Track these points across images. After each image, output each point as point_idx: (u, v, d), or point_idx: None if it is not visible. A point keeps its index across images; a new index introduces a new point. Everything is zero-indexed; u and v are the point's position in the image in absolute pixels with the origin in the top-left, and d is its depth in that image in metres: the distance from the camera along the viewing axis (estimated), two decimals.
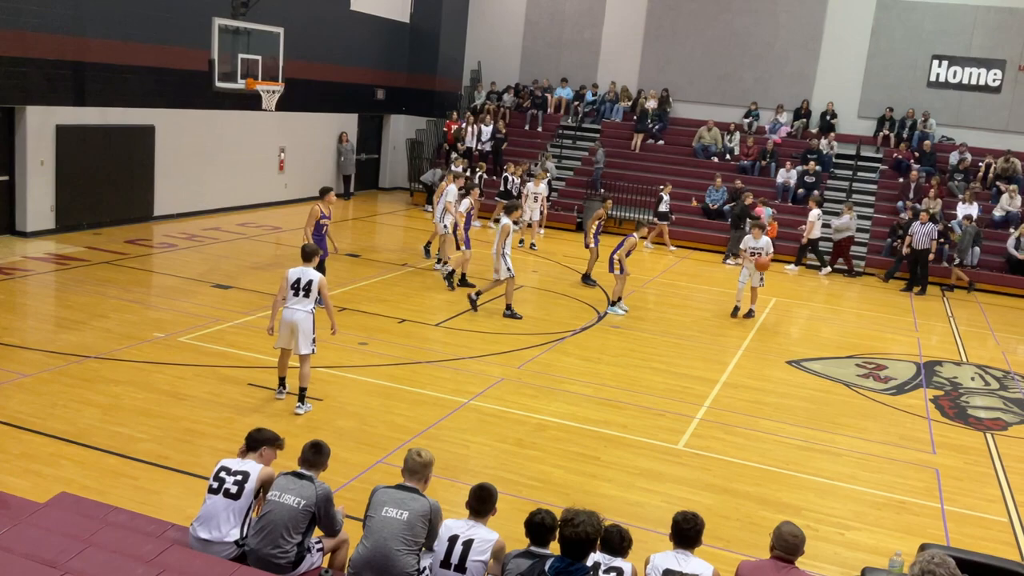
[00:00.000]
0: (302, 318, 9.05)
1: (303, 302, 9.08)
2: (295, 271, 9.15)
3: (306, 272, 9.12)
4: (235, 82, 16.19)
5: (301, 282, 9.06)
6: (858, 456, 9.51)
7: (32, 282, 13.82)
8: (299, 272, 9.12)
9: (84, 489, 6.92)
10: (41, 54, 15.92)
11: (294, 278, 9.09)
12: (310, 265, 9.22)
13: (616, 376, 11.42)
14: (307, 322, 9.08)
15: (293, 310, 9.07)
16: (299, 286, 9.06)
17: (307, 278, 9.07)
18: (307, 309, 9.09)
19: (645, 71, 26.83)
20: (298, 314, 9.05)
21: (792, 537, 4.97)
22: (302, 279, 9.07)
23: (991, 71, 23.77)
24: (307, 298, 9.08)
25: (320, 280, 9.11)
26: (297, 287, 9.07)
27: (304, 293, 9.06)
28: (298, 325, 9.04)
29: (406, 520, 5.16)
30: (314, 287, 9.07)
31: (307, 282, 9.06)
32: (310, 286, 9.06)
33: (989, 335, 15.89)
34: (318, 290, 9.09)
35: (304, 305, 9.08)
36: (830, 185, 23.37)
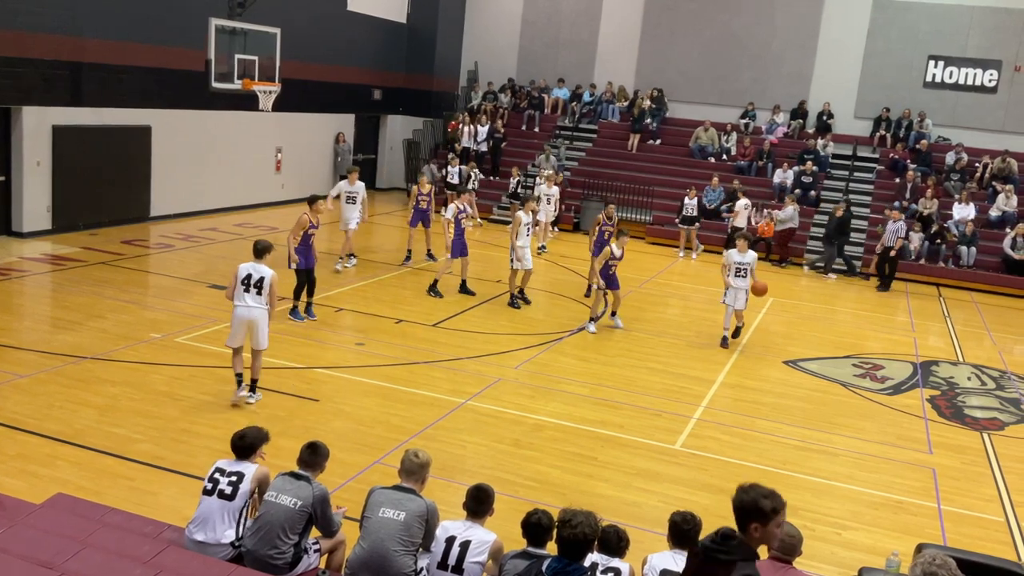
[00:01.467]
0: (259, 315, 8.98)
1: (257, 299, 8.98)
2: (247, 266, 9.04)
3: (258, 268, 9.01)
4: (232, 82, 16.18)
5: (253, 278, 8.97)
6: (855, 456, 9.51)
7: (28, 283, 13.79)
8: (250, 268, 9.02)
9: (80, 490, 6.91)
10: (37, 54, 15.90)
11: (244, 274, 8.98)
12: (262, 262, 9.07)
13: (613, 376, 11.42)
14: (264, 319, 9.03)
15: (248, 307, 8.97)
16: (250, 282, 8.96)
17: (259, 274, 8.97)
18: (263, 305, 9.01)
19: (642, 71, 26.84)
20: (254, 311, 8.97)
21: (789, 537, 4.87)
22: (253, 275, 8.97)
23: (987, 71, 23.81)
24: (260, 295, 8.98)
25: (272, 277, 9.01)
26: (248, 283, 8.96)
27: (257, 290, 8.96)
28: (256, 323, 8.98)
29: (403, 521, 5.16)
30: (266, 284, 8.96)
31: (259, 278, 8.96)
32: (262, 283, 8.95)
33: (985, 335, 15.92)
34: (269, 287, 8.97)
35: (258, 302, 8.99)
36: (827, 185, 23.40)
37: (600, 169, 24.16)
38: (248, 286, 8.97)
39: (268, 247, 9.19)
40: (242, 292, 8.99)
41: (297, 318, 12.52)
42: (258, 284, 8.96)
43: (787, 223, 20.73)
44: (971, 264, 20.18)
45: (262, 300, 8.99)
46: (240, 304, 9.01)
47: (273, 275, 9.03)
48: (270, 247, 9.23)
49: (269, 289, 8.98)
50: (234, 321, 9.08)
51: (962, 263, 20.20)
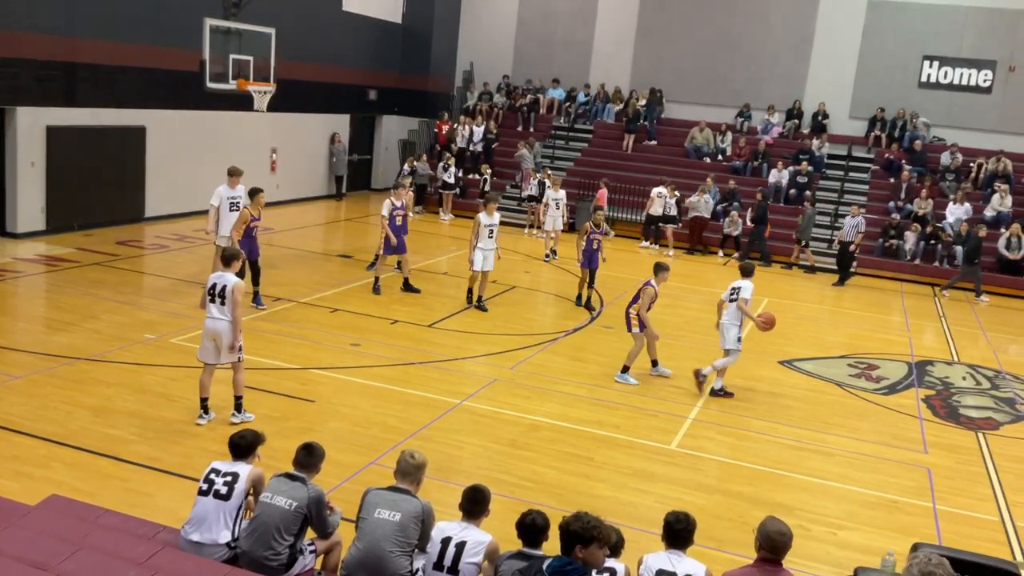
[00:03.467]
0: (224, 328, 8.46)
1: (222, 310, 8.46)
2: (213, 276, 8.61)
3: (223, 277, 8.52)
4: (226, 83, 16.12)
5: (217, 288, 8.47)
6: (850, 456, 9.53)
7: (22, 284, 13.75)
8: (216, 277, 8.57)
9: (75, 491, 6.89)
10: (31, 54, 15.86)
11: (210, 284, 8.54)
12: (229, 270, 8.60)
13: (609, 377, 11.42)
14: (227, 330, 8.47)
15: (214, 319, 8.48)
16: (215, 292, 8.47)
17: (223, 283, 8.47)
18: (226, 317, 8.47)
19: (637, 71, 26.85)
20: (220, 323, 8.46)
21: (779, 535, 4.74)
22: (218, 284, 8.48)
23: (982, 72, 23.86)
24: (224, 305, 8.45)
25: (234, 285, 8.44)
26: (214, 293, 8.47)
27: (221, 300, 8.45)
28: (220, 335, 8.48)
29: (398, 521, 5.15)
30: (229, 293, 8.43)
31: (222, 287, 8.45)
32: (225, 292, 8.44)
33: (980, 335, 15.95)
34: (232, 296, 8.42)
35: (223, 313, 8.46)
36: (822, 185, 23.43)
37: (595, 170, 24.15)
38: (214, 296, 8.48)
39: (236, 255, 8.79)
40: (207, 302, 8.53)
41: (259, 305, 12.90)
42: (222, 293, 8.45)
43: (699, 211, 21.30)
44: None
45: (225, 310, 8.45)
46: (208, 316, 8.54)
47: (236, 283, 8.48)
48: (238, 255, 8.86)
49: (232, 297, 8.41)
50: (203, 334, 8.63)
51: (957, 263, 20.23)
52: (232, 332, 8.48)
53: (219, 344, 8.50)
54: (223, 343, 8.48)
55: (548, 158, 25.50)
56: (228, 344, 8.49)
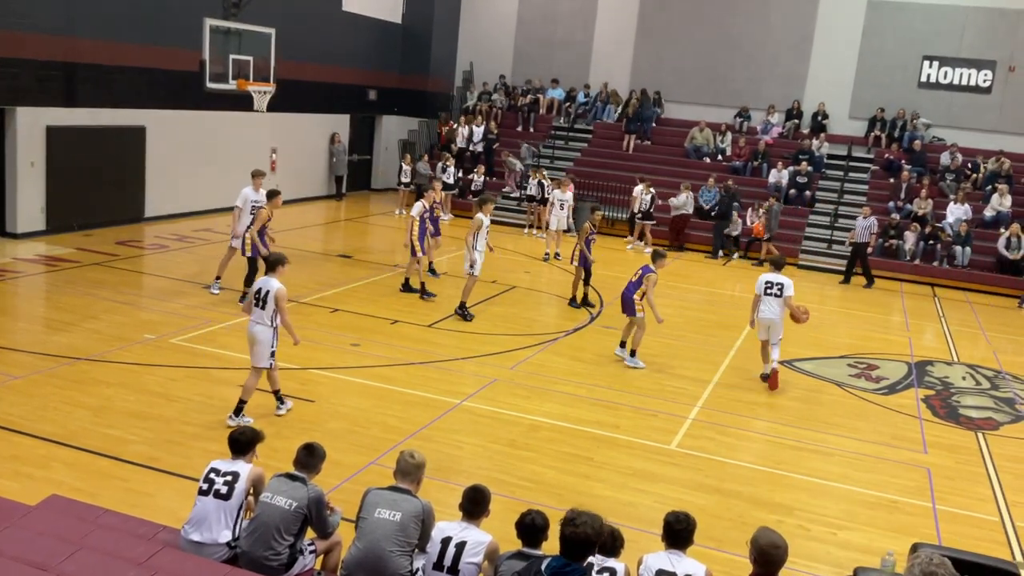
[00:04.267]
0: (259, 331, 8.61)
1: (260, 314, 8.61)
2: (260, 280, 8.79)
3: (267, 282, 8.66)
4: (226, 83, 16.12)
5: (260, 292, 8.64)
6: (850, 456, 9.53)
7: (22, 284, 13.75)
8: (262, 282, 8.73)
9: (75, 491, 6.89)
10: (31, 54, 15.86)
11: (256, 288, 8.72)
12: (275, 275, 8.73)
13: (609, 377, 11.42)
14: (264, 334, 8.61)
15: (252, 322, 8.67)
16: (259, 297, 8.63)
17: (266, 289, 8.62)
18: (264, 322, 8.61)
19: (637, 71, 26.85)
20: (255, 327, 8.62)
21: (774, 549, 4.51)
22: (262, 289, 8.64)
23: (981, 72, 23.87)
24: (263, 310, 8.60)
25: (278, 291, 8.57)
26: (257, 297, 8.64)
27: (261, 305, 8.59)
28: (255, 338, 8.63)
29: (399, 521, 5.15)
30: (271, 299, 8.57)
31: (265, 293, 8.60)
32: (267, 297, 8.58)
33: (980, 335, 15.96)
34: (275, 301, 8.56)
35: (260, 317, 8.61)
36: (821, 185, 23.44)
37: (595, 170, 24.17)
38: (257, 300, 8.67)
39: (281, 259, 8.89)
40: (252, 306, 8.72)
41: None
42: (264, 299, 8.62)
43: (681, 209, 21.47)
44: (966, 264, 20.22)
45: (264, 316, 8.62)
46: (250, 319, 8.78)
47: (279, 288, 8.61)
48: (283, 259, 8.92)
49: (274, 303, 8.57)
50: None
51: (957, 263, 20.25)
52: (268, 335, 8.62)
53: (253, 347, 8.68)
54: (254, 345, 8.65)
55: (548, 158, 25.50)
56: (260, 348, 8.63)
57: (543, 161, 25.21)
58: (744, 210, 21.76)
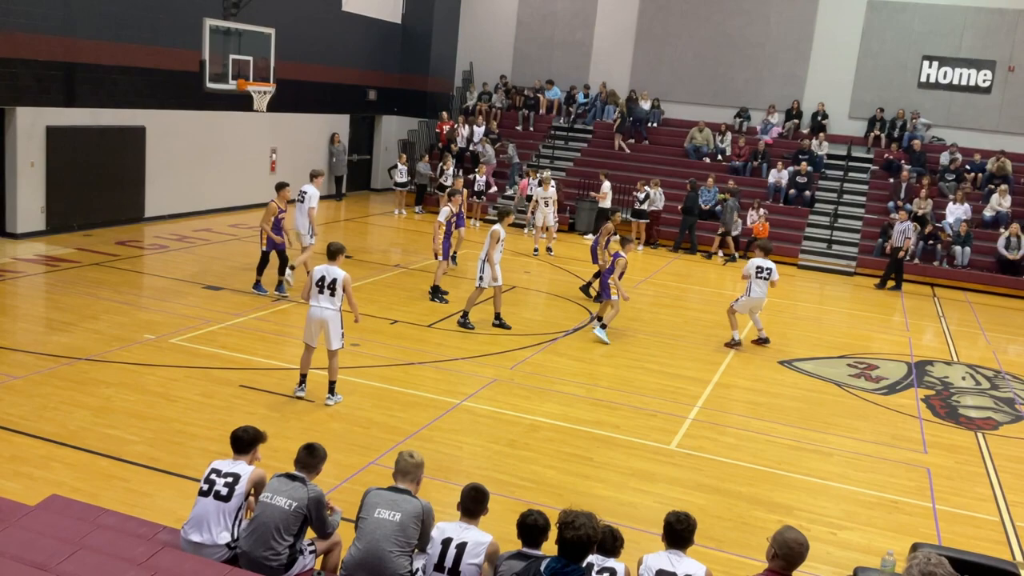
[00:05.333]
0: (331, 315, 9.29)
1: (329, 299, 9.29)
2: (320, 269, 9.37)
3: (331, 271, 9.31)
4: (226, 83, 16.13)
5: (326, 280, 9.28)
6: (850, 456, 9.53)
7: (22, 284, 13.75)
8: (324, 270, 9.33)
9: (75, 491, 6.89)
10: (31, 55, 15.86)
11: (319, 276, 9.31)
12: (335, 263, 9.39)
13: (608, 377, 11.43)
14: (336, 318, 9.33)
15: (322, 308, 9.30)
16: (324, 283, 9.28)
17: (332, 276, 9.28)
18: (334, 306, 9.31)
19: (637, 72, 26.86)
20: (326, 312, 9.29)
21: (797, 545, 4.62)
22: (326, 277, 9.28)
23: (981, 72, 23.88)
24: (333, 296, 9.29)
25: (345, 279, 9.31)
26: (323, 284, 9.28)
27: (331, 291, 9.28)
28: (327, 323, 9.29)
29: (399, 522, 5.15)
30: (339, 285, 9.29)
31: (332, 280, 9.27)
32: (334, 284, 9.27)
33: (980, 335, 15.96)
34: (344, 287, 9.31)
35: (331, 302, 9.29)
36: (821, 185, 23.44)
37: (595, 170, 24.16)
38: (322, 287, 9.26)
39: (340, 249, 9.50)
40: (316, 293, 9.30)
41: (260, 291, 13.75)
42: (331, 285, 9.25)
43: (653, 206, 21.79)
44: (965, 264, 20.24)
45: (335, 301, 9.29)
46: (314, 304, 9.33)
47: (346, 276, 9.30)
48: (342, 249, 9.53)
49: (344, 289, 9.30)
50: (307, 320, 9.43)
51: (956, 263, 20.26)
52: (338, 319, 9.34)
53: (324, 331, 9.32)
54: (328, 330, 9.31)
55: (548, 158, 25.50)
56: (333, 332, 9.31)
57: (543, 161, 25.23)
58: (744, 211, 21.77)
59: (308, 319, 9.43)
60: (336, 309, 9.34)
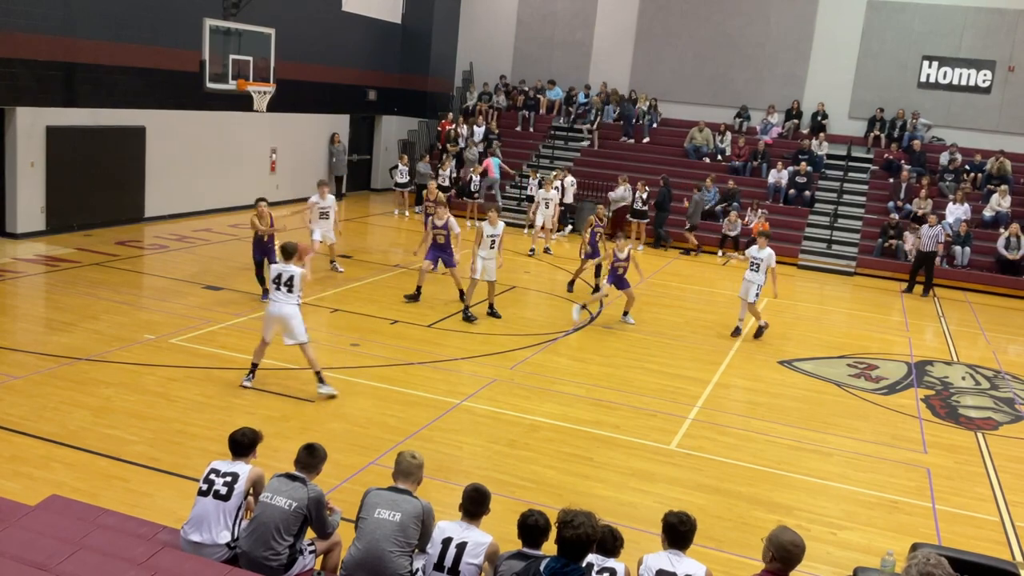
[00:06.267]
0: (290, 310, 9.49)
1: (288, 296, 9.50)
2: (277, 267, 9.64)
3: (287, 268, 9.55)
4: (226, 83, 16.13)
5: (283, 278, 9.52)
6: (850, 456, 9.53)
7: (22, 284, 13.75)
8: (280, 268, 9.58)
9: (75, 491, 6.89)
10: (31, 55, 15.86)
11: (275, 274, 9.57)
12: (290, 263, 9.60)
13: (608, 377, 11.43)
14: (296, 312, 9.55)
15: (280, 304, 9.49)
16: (280, 281, 9.52)
17: (288, 273, 9.52)
18: (293, 302, 9.53)
19: (637, 72, 26.86)
20: (285, 307, 9.48)
21: (793, 547, 4.61)
22: (283, 275, 9.52)
23: (981, 72, 23.88)
24: (290, 292, 9.51)
25: (302, 274, 9.62)
26: (279, 282, 9.52)
27: (287, 288, 9.49)
28: (288, 316, 9.47)
29: (399, 522, 5.15)
30: (296, 281, 9.54)
31: (289, 277, 9.51)
32: (292, 281, 9.51)
33: (980, 335, 15.96)
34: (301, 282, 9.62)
35: (289, 299, 9.50)
36: (821, 185, 23.44)
37: (595, 170, 24.18)
38: (279, 284, 9.53)
39: (295, 248, 9.72)
40: (274, 290, 9.58)
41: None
42: (288, 282, 9.51)
43: (620, 202, 21.89)
44: (965, 264, 20.23)
45: (292, 297, 9.52)
46: (273, 301, 9.60)
47: (303, 272, 9.63)
48: (296, 248, 9.73)
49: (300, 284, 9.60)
50: (266, 316, 9.71)
51: (956, 263, 20.26)
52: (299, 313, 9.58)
53: (286, 326, 9.50)
54: (291, 325, 9.49)
55: (548, 158, 25.50)
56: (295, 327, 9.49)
57: (543, 161, 25.22)
58: (743, 210, 21.80)
59: (267, 316, 9.68)
60: (295, 304, 9.54)
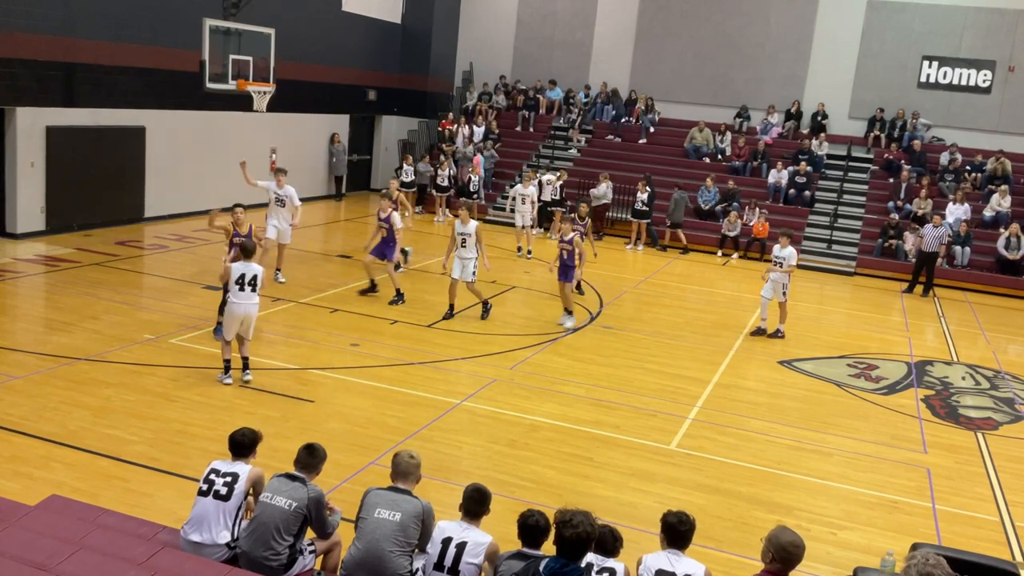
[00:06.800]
0: (254, 310, 9.83)
1: (252, 295, 9.74)
2: (239, 266, 9.73)
3: (250, 267, 9.73)
4: (226, 83, 16.13)
5: (247, 277, 9.68)
6: (850, 456, 9.53)
7: (22, 284, 13.75)
8: (243, 267, 9.71)
9: (75, 492, 6.89)
10: (31, 55, 15.86)
11: (238, 274, 9.68)
12: (252, 261, 9.82)
13: (608, 377, 11.42)
14: (256, 311, 9.94)
15: (248, 305, 9.73)
16: (244, 281, 9.68)
17: (252, 272, 9.72)
18: (256, 301, 9.83)
19: (636, 72, 26.87)
20: (252, 307, 9.78)
21: (793, 547, 4.61)
22: (246, 275, 9.68)
23: (981, 72, 23.88)
24: (254, 291, 9.75)
25: (264, 272, 9.95)
26: (243, 282, 9.67)
27: (251, 287, 9.72)
28: (251, 316, 9.80)
29: (399, 521, 5.15)
30: (259, 279, 9.80)
31: (252, 276, 9.72)
32: (255, 280, 9.75)
33: (980, 335, 15.96)
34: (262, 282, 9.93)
35: (252, 298, 9.75)
36: (821, 185, 23.44)
37: (595, 170, 24.15)
38: (243, 285, 9.66)
39: (254, 247, 10.17)
40: (237, 291, 9.67)
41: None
42: (252, 282, 9.69)
43: (602, 199, 22.10)
44: (965, 264, 20.23)
45: (255, 296, 9.77)
46: (237, 301, 9.67)
47: (263, 271, 9.90)
48: (255, 247, 10.21)
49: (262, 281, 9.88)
50: (231, 316, 9.75)
51: (956, 263, 20.26)
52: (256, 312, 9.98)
53: (248, 324, 9.81)
54: (254, 321, 9.90)
55: (548, 158, 25.50)
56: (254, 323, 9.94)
57: (543, 161, 25.22)
58: (743, 210, 21.81)
59: (231, 315, 9.74)
60: (257, 303, 9.83)
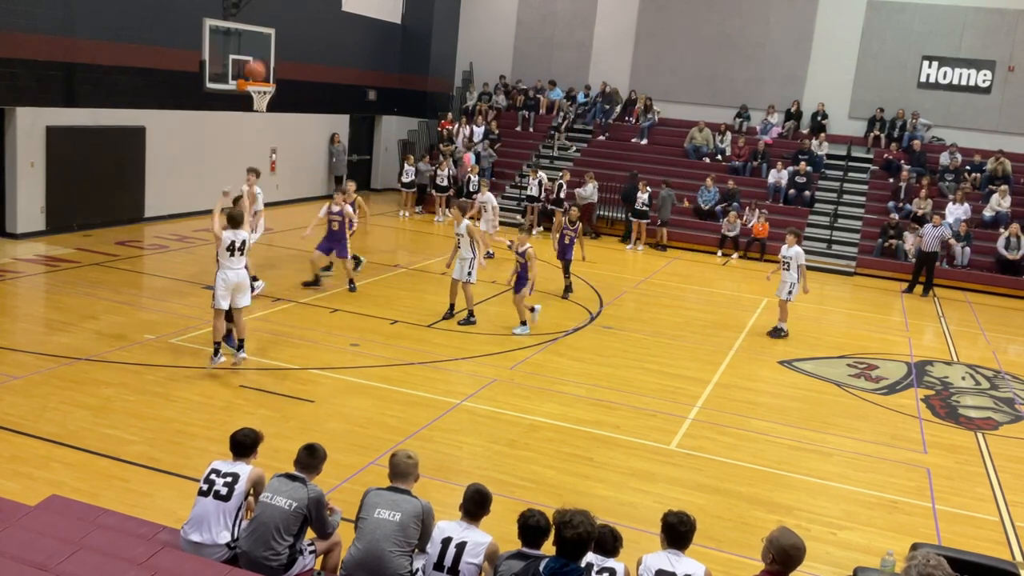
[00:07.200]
0: (244, 274, 10.06)
1: (240, 260, 9.98)
2: (228, 234, 9.89)
3: (238, 234, 9.95)
4: (226, 83, 16.13)
5: (236, 243, 9.90)
6: (850, 456, 9.53)
7: (22, 284, 13.75)
8: (232, 235, 9.92)
9: (75, 491, 6.89)
10: (31, 55, 15.86)
11: (228, 241, 9.87)
12: (239, 229, 10.01)
13: (608, 377, 11.42)
14: (246, 277, 10.17)
15: (236, 271, 9.94)
16: (234, 247, 9.90)
17: (240, 238, 9.95)
18: (243, 266, 10.05)
19: (636, 72, 26.87)
20: (241, 272, 10.01)
21: (794, 550, 4.58)
22: (236, 240, 9.91)
23: (981, 72, 23.88)
24: (242, 256, 10.02)
25: (249, 237, 10.21)
26: (233, 248, 9.89)
27: (240, 252, 9.95)
28: (242, 280, 10.01)
29: (399, 521, 5.15)
30: (248, 244, 10.11)
31: (241, 241, 9.95)
32: (244, 245, 9.99)
33: (980, 335, 15.96)
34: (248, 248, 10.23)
35: (240, 263, 9.98)
36: (821, 185, 23.44)
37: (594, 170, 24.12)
38: (233, 250, 9.91)
39: (242, 215, 10.28)
40: (228, 256, 9.91)
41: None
42: (240, 247, 9.95)
43: (588, 199, 22.28)
44: (965, 264, 20.23)
45: (243, 260, 10.04)
46: (229, 268, 9.92)
47: (249, 235, 10.19)
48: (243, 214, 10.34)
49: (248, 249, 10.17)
50: (224, 284, 9.94)
51: (956, 263, 20.26)
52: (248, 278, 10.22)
53: (240, 290, 9.99)
54: (244, 286, 10.06)
55: (548, 158, 25.51)
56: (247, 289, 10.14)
57: (543, 161, 25.24)
58: (743, 210, 21.81)
59: (225, 283, 9.88)
60: (244, 266, 10.07)
